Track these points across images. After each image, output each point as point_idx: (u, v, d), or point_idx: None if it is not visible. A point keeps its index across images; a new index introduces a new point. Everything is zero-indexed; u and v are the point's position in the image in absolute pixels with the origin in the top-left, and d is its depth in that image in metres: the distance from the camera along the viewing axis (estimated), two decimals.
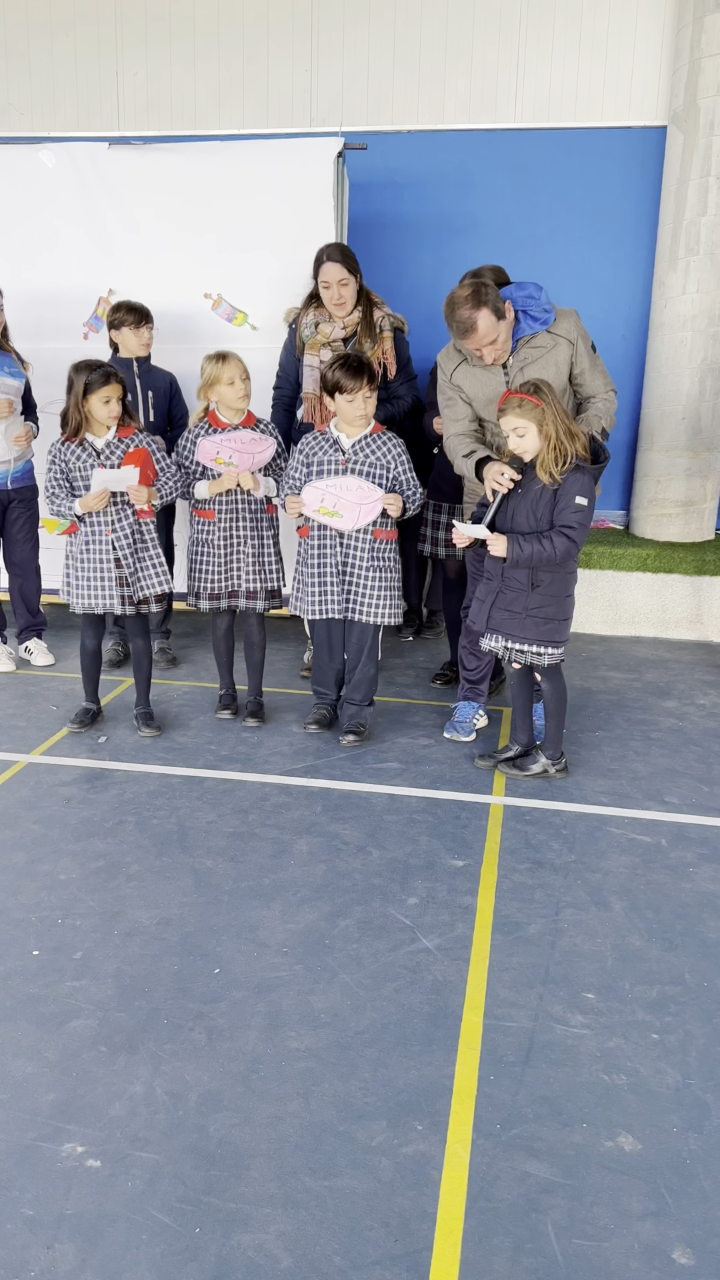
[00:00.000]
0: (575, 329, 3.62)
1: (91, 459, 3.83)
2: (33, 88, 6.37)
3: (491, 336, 3.51)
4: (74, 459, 3.84)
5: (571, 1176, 1.95)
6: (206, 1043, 2.30)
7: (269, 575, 4.10)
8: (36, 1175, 1.92)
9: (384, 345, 4.30)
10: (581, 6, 5.81)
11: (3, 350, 4.59)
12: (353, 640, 4.00)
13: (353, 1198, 1.89)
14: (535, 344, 3.60)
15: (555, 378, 3.60)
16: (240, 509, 3.99)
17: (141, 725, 4.10)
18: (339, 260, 4.16)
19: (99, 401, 3.76)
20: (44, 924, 2.76)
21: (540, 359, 3.60)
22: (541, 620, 3.52)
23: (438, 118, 6.08)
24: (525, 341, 3.61)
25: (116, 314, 4.61)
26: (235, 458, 3.91)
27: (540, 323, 3.59)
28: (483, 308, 3.45)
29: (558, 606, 3.53)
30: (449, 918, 2.83)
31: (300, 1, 6.02)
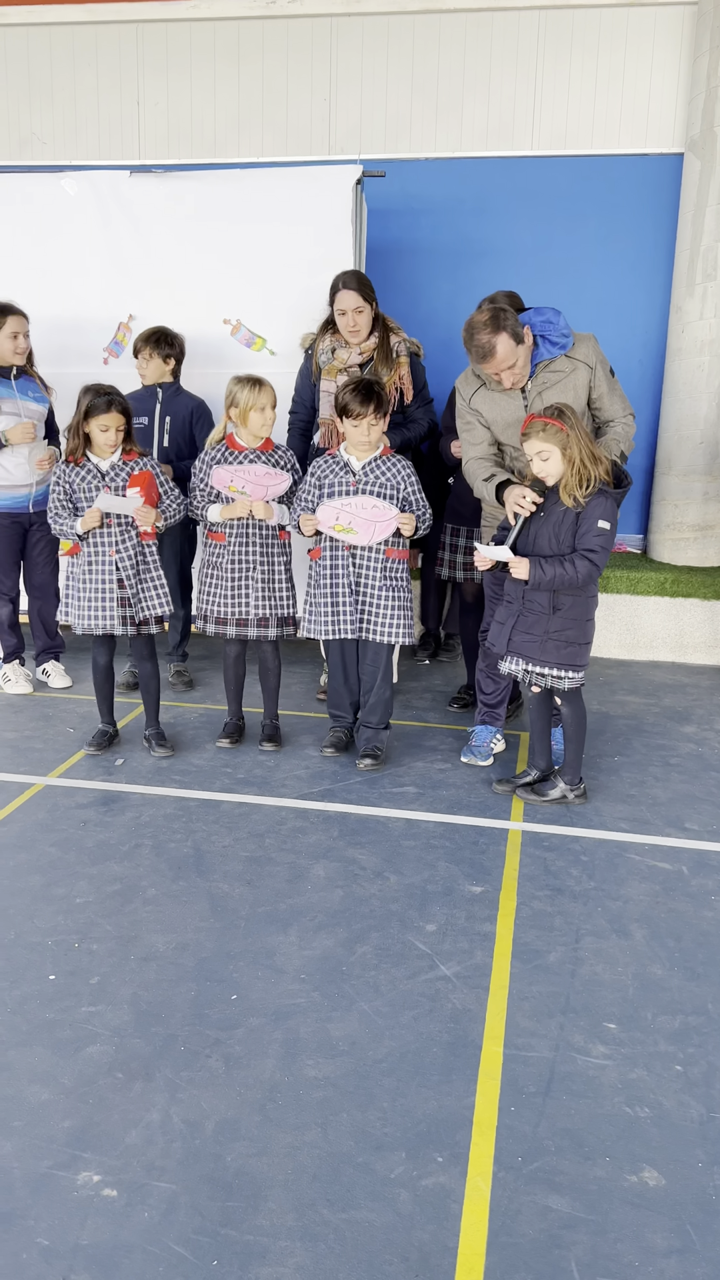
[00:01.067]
0: (594, 354, 3.63)
1: (96, 480, 3.86)
2: (55, 117, 6.47)
3: (510, 361, 3.52)
4: (77, 480, 3.86)
5: (594, 1212, 1.91)
6: (223, 1070, 2.28)
7: (280, 602, 4.05)
8: (52, 1204, 1.90)
9: (400, 371, 4.32)
10: (599, 36, 5.87)
11: (28, 375, 4.64)
12: (367, 662, 3.99)
13: (371, 1231, 1.86)
14: (554, 368, 3.61)
15: (574, 402, 3.60)
16: (251, 534, 3.97)
17: (154, 745, 4.11)
18: (354, 288, 4.18)
19: (97, 428, 3.80)
20: (60, 948, 2.75)
21: (559, 383, 3.61)
22: (562, 644, 3.50)
23: (455, 146, 6.14)
24: (544, 366, 3.62)
25: (139, 343, 4.67)
26: (248, 488, 3.91)
27: (559, 347, 3.60)
28: (501, 332, 3.46)
29: (578, 630, 3.51)
30: (468, 945, 2.80)
31: (319, 32, 6.09)
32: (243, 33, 6.17)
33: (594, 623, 3.59)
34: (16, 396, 4.58)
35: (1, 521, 4.67)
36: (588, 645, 3.57)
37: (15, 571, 4.81)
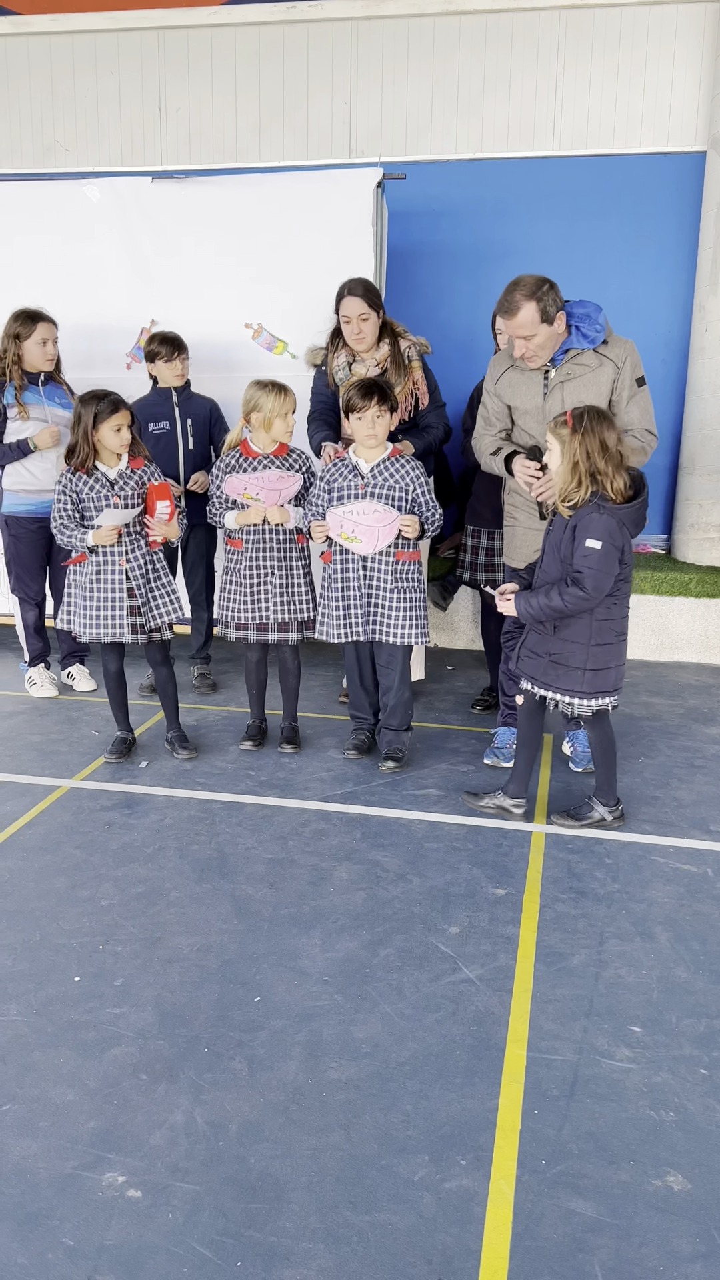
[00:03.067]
0: (626, 358, 3.58)
1: (105, 489, 3.85)
2: (78, 125, 6.52)
3: (527, 331, 3.49)
4: (85, 489, 3.85)
5: (619, 1216, 1.90)
6: (247, 1072, 2.29)
7: (299, 606, 4.05)
8: (77, 1205, 1.92)
9: (414, 376, 4.29)
10: (620, 35, 5.85)
11: (55, 382, 4.68)
12: (382, 664, 3.99)
13: (395, 1233, 1.86)
14: (580, 361, 3.58)
15: (594, 398, 3.58)
16: (268, 539, 3.98)
17: (177, 747, 4.13)
18: (359, 295, 4.13)
19: (110, 430, 3.78)
20: (85, 950, 2.77)
21: (582, 377, 3.58)
22: (567, 668, 3.32)
23: (476, 147, 6.13)
24: (571, 357, 3.59)
25: (150, 346, 4.68)
26: (262, 494, 3.93)
27: (589, 341, 3.57)
28: (532, 301, 3.45)
29: (586, 654, 3.30)
30: (491, 948, 2.80)
31: (339, 35, 6.11)
32: (263, 37, 6.19)
33: (617, 647, 3.34)
34: (44, 402, 4.62)
35: (28, 526, 4.71)
36: (606, 671, 3.33)
37: (41, 576, 4.85)
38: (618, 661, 3.37)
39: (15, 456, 4.59)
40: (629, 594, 3.37)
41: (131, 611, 3.90)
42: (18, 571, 4.80)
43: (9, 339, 4.55)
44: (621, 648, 3.38)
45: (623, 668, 3.40)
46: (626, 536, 3.23)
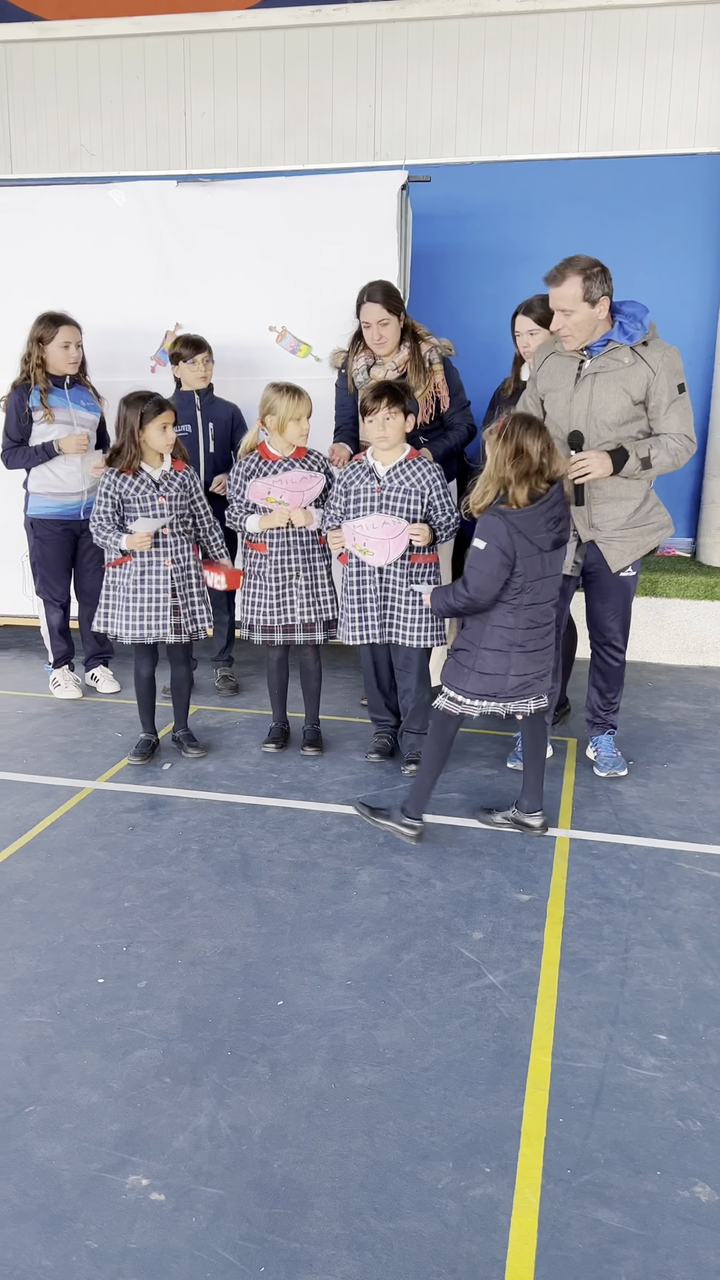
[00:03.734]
0: (664, 362, 3.55)
1: (150, 490, 3.90)
2: (104, 129, 6.55)
3: (568, 305, 3.50)
4: (131, 490, 3.90)
5: (645, 1227, 1.88)
6: (270, 1076, 2.28)
7: (324, 606, 4.08)
8: (101, 1207, 1.91)
9: (434, 379, 4.28)
10: (646, 37, 5.82)
11: (80, 385, 4.70)
12: (399, 666, 3.98)
13: (419, 1241, 1.85)
14: (616, 356, 3.57)
15: (620, 395, 3.55)
16: (292, 541, 4.00)
17: (186, 746, 4.16)
18: (379, 300, 4.13)
19: (156, 430, 3.84)
20: (109, 951, 2.77)
21: (615, 371, 3.56)
22: (459, 666, 3.30)
23: (501, 149, 6.11)
24: (608, 351, 3.58)
25: (174, 348, 4.70)
26: (286, 496, 3.93)
27: (628, 337, 3.56)
28: (579, 278, 3.46)
29: (475, 656, 3.26)
30: (515, 953, 2.78)
31: (364, 38, 6.11)
32: (288, 41, 6.20)
33: (509, 657, 3.24)
34: (70, 405, 4.64)
35: (53, 529, 4.73)
36: (496, 677, 3.25)
37: (66, 578, 4.87)
38: (512, 671, 3.26)
39: (41, 459, 4.61)
40: (534, 608, 3.22)
41: (174, 611, 3.95)
42: (43, 573, 4.82)
43: (33, 342, 4.58)
44: (519, 659, 3.25)
45: (521, 679, 3.27)
46: (520, 544, 3.12)
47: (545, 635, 3.31)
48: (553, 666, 3.40)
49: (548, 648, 3.35)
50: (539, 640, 3.29)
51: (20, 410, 4.59)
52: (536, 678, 3.34)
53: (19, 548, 5.14)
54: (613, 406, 3.58)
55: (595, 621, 3.92)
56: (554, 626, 3.38)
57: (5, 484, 5.09)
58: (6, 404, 4.64)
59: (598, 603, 3.87)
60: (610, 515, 3.69)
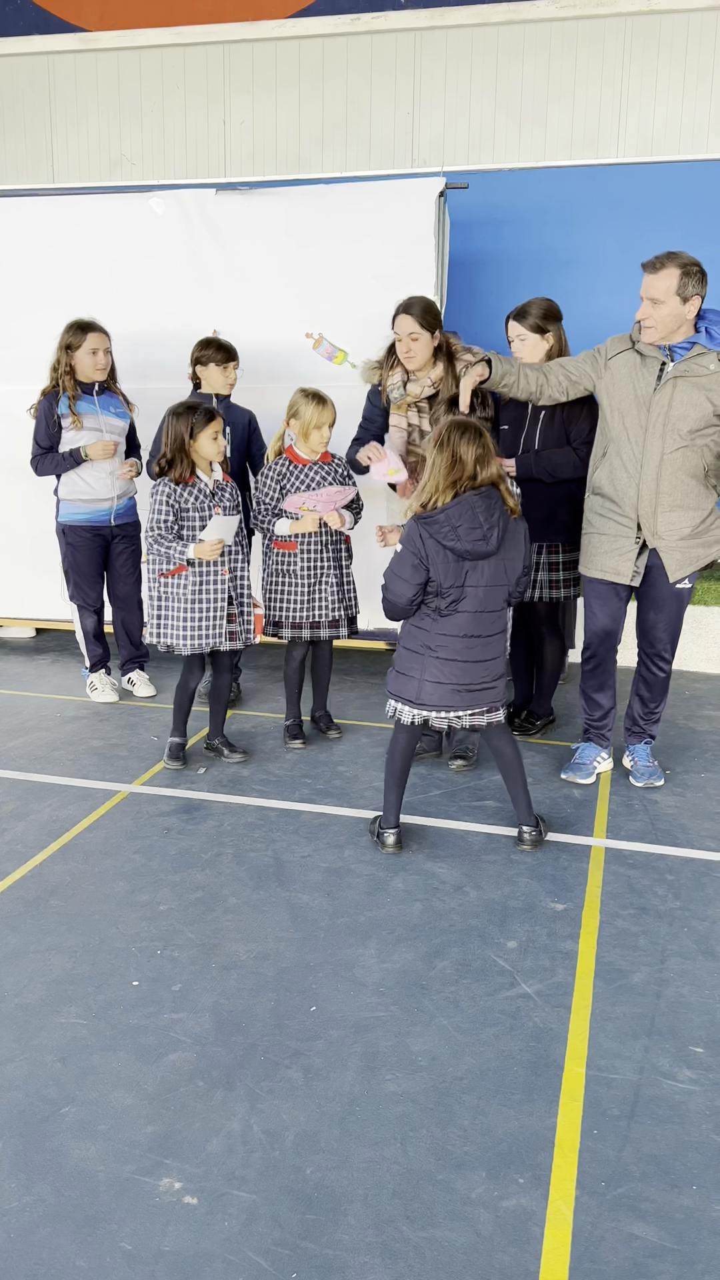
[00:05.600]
0: None
1: (206, 499, 3.92)
2: (144, 139, 6.62)
3: (660, 295, 3.47)
4: (190, 499, 3.91)
5: (681, 1241, 1.86)
6: (303, 1081, 2.29)
7: (351, 603, 4.28)
8: (135, 1209, 1.93)
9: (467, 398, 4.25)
10: (686, 41, 5.78)
11: (110, 391, 4.74)
12: None
13: (452, 1250, 1.84)
14: (701, 362, 3.52)
15: (702, 403, 3.51)
16: (324, 541, 4.17)
17: (226, 751, 4.19)
18: (412, 314, 4.08)
19: (207, 439, 3.85)
20: (144, 954, 2.79)
21: (700, 378, 3.51)
22: (391, 670, 3.35)
23: (539, 155, 6.10)
24: (692, 355, 3.53)
25: (201, 351, 4.62)
26: (319, 506, 4.09)
27: (715, 341, 3.52)
28: (678, 271, 3.45)
29: (400, 652, 3.32)
30: (549, 963, 2.76)
31: (403, 45, 6.13)
32: (327, 49, 6.24)
33: (425, 660, 3.22)
34: (99, 412, 4.68)
35: (84, 534, 4.77)
36: (408, 678, 3.26)
37: (99, 583, 4.91)
38: (426, 676, 3.22)
39: (69, 465, 4.65)
40: (457, 617, 3.17)
41: (230, 619, 3.98)
42: (76, 579, 4.86)
43: (61, 349, 4.62)
44: (432, 665, 3.21)
45: (438, 687, 3.22)
46: (432, 548, 3.08)
47: (469, 648, 3.22)
48: (499, 678, 3.33)
49: (485, 660, 3.26)
50: (459, 651, 3.21)
51: (49, 417, 4.63)
52: (478, 688, 3.27)
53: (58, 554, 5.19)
54: (692, 414, 3.52)
55: (646, 632, 3.87)
56: (496, 639, 3.28)
57: (44, 491, 5.16)
58: (36, 411, 4.68)
59: (650, 613, 3.83)
60: (676, 524, 3.65)
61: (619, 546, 3.71)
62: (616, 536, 3.71)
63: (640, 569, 3.73)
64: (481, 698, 3.30)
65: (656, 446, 3.57)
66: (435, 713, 3.29)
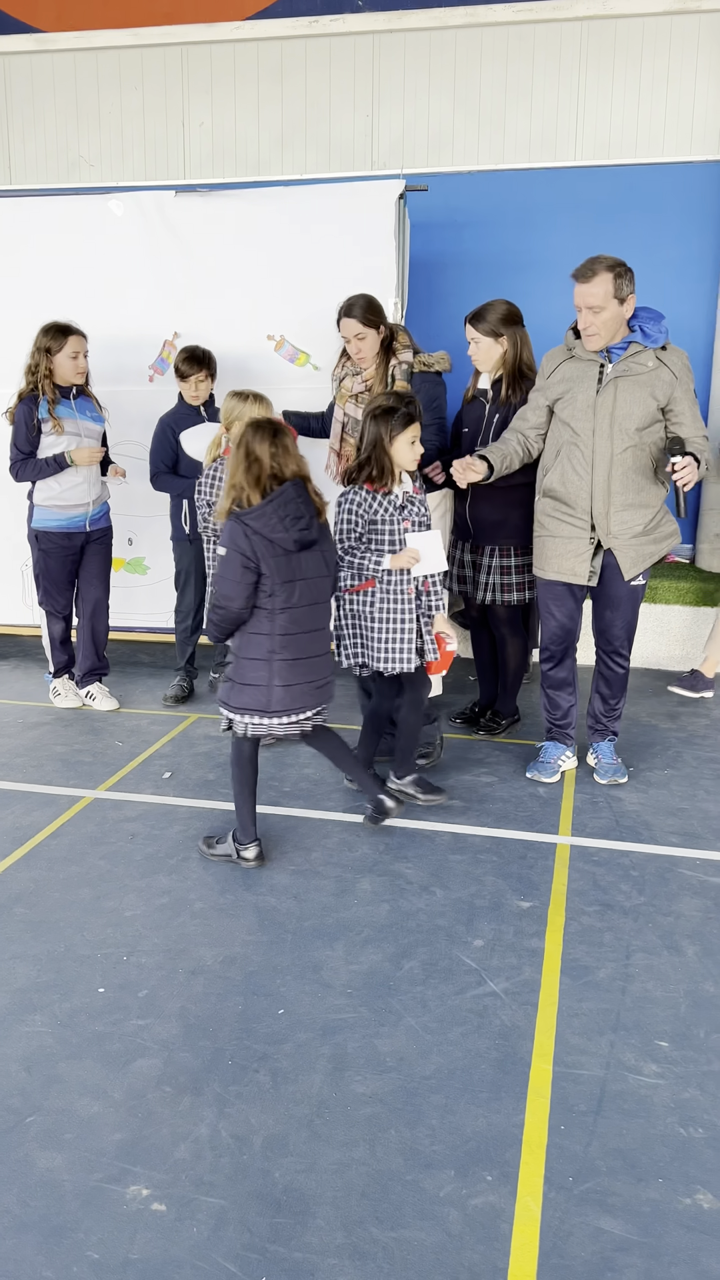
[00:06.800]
0: (683, 366, 3.61)
1: (396, 514, 3.56)
2: (102, 140, 6.58)
3: (599, 301, 3.50)
4: (381, 510, 3.55)
5: (648, 1235, 1.88)
6: (271, 1085, 2.28)
7: None
8: (102, 1218, 1.91)
9: None
10: (641, 45, 5.84)
11: (85, 395, 4.70)
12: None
13: (421, 1250, 1.84)
14: (640, 360, 3.58)
15: (645, 399, 3.57)
16: None
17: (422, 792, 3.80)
18: (355, 315, 4.10)
19: (406, 443, 3.49)
20: (110, 961, 2.77)
21: (639, 375, 3.58)
22: (226, 681, 3.24)
23: (498, 158, 6.14)
24: (630, 354, 3.59)
25: (181, 365, 4.71)
26: None
27: (651, 340, 3.58)
28: (610, 275, 3.49)
29: (238, 665, 3.20)
30: (516, 961, 2.78)
31: (361, 48, 6.14)
32: (286, 52, 6.23)
33: (268, 667, 3.13)
34: (77, 416, 4.63)
35: (58, 540, 4.70)
36: (251, 688, 3.15)
37: (70, 590, 4.84)
38: (275, 682, 3.15)
39: (51, 471, 4.59)
40: (291, 612, 3.12)
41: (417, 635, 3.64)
42: (47, 585, 4.79)
43: (40, 353, 4.55)
44: (280, 668, 3.15)
45: (288, 690, 3.16)
46: (260, 544, 3.04)
47: (311, 642, 3.20)
48: (333, 671, 3.30)
49: (316, 657, 3.23)
50: (303, 647, 3.18)
51: (29, 422, 4.54)
52: (313, 688, 3.23)
53: (16, 557, 5.14)
54: (637, 411, 3.59)
55: (603, 630, 3.91)
56: (322, 633, 3.26)
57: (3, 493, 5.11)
58: (14, 416, 4.60)
59: (607, 611, 3.87)
60: (629, 523, 3.70)
61: (574, 548, 3.76)
62: (571, 538, 3.76)
63: (596, 569, 3.78)
64: (326, 692, 3.29)
65: (605, 448, 3.63)
66: (287, 717, 3.21)
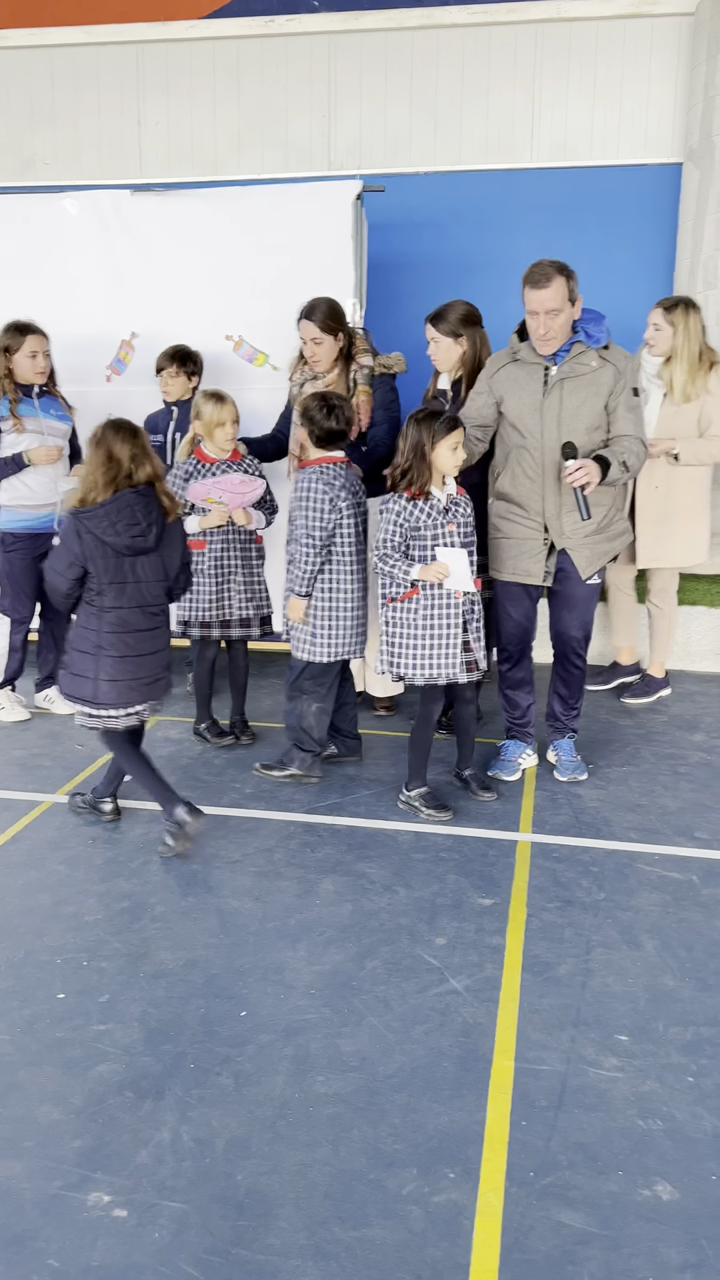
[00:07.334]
0: (627, 365, 3.64)
1: (439, 518, 3.49)
2: (57, 138, 6.52)
3: (554, 305, 3.52)
4: (424, 518, 3.48)
5: (608, 1227, 1.90)
6: (234, 1088, 2.27)
7: (262, 602, 4.27)
8: (63, 1225, 1.90)
9: (358, 400, 4.26)
10: (596, 48, 5.90)
11: (50, 394, 4.64)
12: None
13: (384, 1249, 1.85)
14: (583, 360, 3.61)
15: (594, 399, 3.59)
16: (231, 539, 4.16)
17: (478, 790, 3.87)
18: (315, 319, 4.11)
19: (448, 449, 3.43)
20: (70, 966, 2.75)
21: (584, 376, 3.60)
22: (63, 671, 3.36)
23: (455, 160, 6.16)
24: (574, 355, 3.61)
25: (159, 361, 4.74)
26: (225, 498, 4.07)
27: (594, 340, 3.61)
28: (562, 276, 3.51)
29: (70, 654, 3.32)
30: (478, 958, 2.79)
31: (318, 49, 6.13)
32: (242, 52, 6.22)
33: (96, 661, 3.25)
34: (39, 415, 4.57)
35: (24, 542, 4.61)
36: (82, 679, 3.27)
37: (36, 594, 4.73)
38: (101, 676, 3.24)
39: (11, 471, 4.53)
40: (119, 611, 3.22)
41: (464, 648, 3.58)
42: (12, 591, 4.68)
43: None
44: (106, 664, 3.23)
45: (114, 685, 3.25)
46: (90, 544, 3.13)
47: (140, 641, 3.29)
48: (168, 668, 3.41)
49: (155, 653, 3.33)
50: (131, 646, 3.27)
51: None
52: (142, 685, 3.32)
53: None
54: (584, 412, 3.61)
55: (560, 631, 3.93)
56: (160, 631, 3.35)
57: None
58: None
59: (564, 612, 3.89)
60: (581, 523, 3.72)
61: (528, 549, 3.79)
62: (525, 540, 3.79)
63: (551, 569, 3.81)
64: (157, 689, 3.38)
65: (554, 450, 3.66)
66: (115, 710, 3.30)
